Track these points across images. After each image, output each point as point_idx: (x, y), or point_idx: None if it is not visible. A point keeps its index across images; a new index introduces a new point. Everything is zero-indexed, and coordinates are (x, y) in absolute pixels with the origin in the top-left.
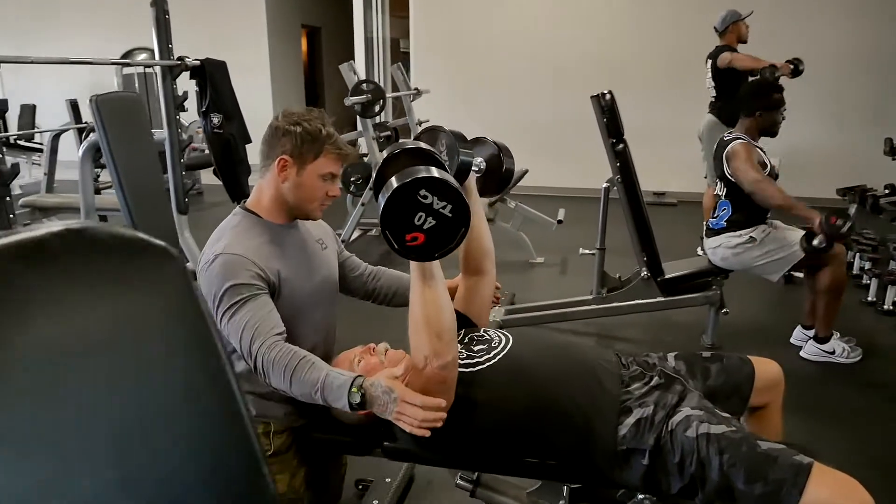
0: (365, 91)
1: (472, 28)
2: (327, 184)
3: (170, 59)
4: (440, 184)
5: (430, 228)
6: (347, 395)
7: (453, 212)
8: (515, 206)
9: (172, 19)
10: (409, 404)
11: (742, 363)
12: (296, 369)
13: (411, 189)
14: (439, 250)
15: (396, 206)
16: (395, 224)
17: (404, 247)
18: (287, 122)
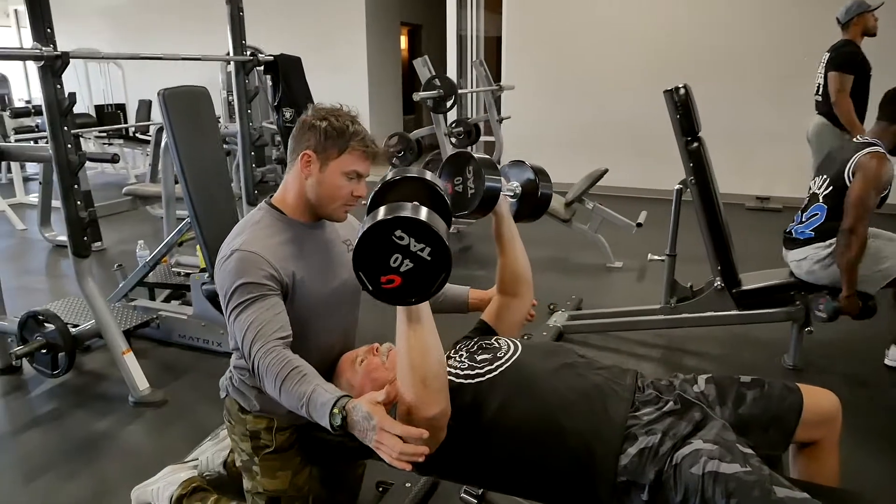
0: (437, 87)
1: (564, 24)
2: (352, 183)
3: (243, 54)
4: (418, 225)
5: (406, 271)
6: (329, 415)
7: (432, 255)
8: (593, 206)
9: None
10: (387, 434)
11: (787, 392)
12: (286, 379)
13: (385, 229)
14: (416, 295)
15: (370, 245)
16: (369, 264)
17: (379, 289)
18: (314, 116)
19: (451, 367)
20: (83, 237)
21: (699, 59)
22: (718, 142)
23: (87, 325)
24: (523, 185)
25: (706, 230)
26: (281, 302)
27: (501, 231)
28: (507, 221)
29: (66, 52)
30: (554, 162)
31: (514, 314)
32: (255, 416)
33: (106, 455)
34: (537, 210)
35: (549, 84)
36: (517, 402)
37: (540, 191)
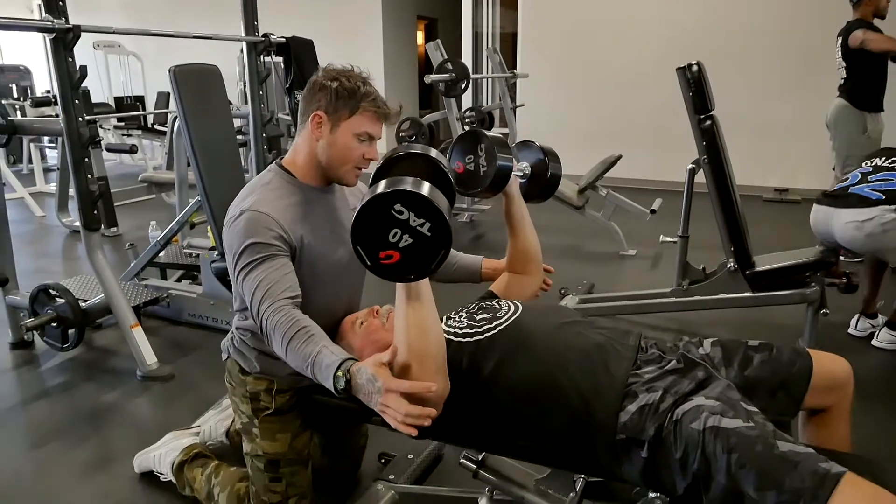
0: (449, 70)
1: (580, 17)
2: (363, 145)
3: (255, 35)
4: (418, 199)
5: (406, 247)
6: (333, 378)
7: (432, 230)
8: (607, 193)
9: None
10: (393, 395)
11: (797, 356)
12: (293, 338)
13: (385, 203)
14: (416, 272)
15: (368, 219)
16: (368, 239)
17: (378, 265)
18: (325, 77)
19: (450, 327)
20: (93, 210)
21: (715, 51)
22: (736, 133)
23: (96, 298)
24: (533, 166)
25: (719, 210)
26: (290, 263)
27: (512, 211)
28: (517, 201)
29: (77, 25)
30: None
31: (523, 289)
32: (255, 378)
33: (111, 425)
34: (547, 190)
35: (564, 75)
36: (515, 359)
37: (549, 171)
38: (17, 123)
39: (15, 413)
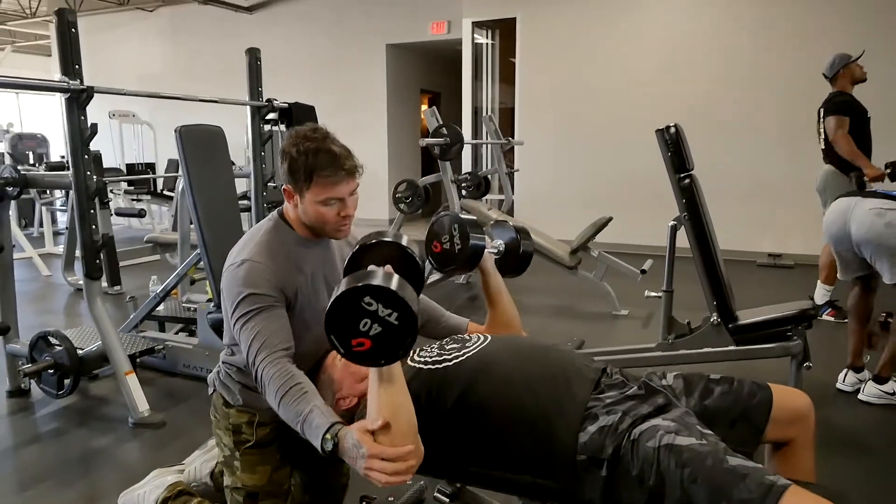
0: (444, 135)
1: (572, 85)
2: (335, 207)
3: (259, 100)
4: (385, 293)
5: (376, 335)
6: (321, 439)
7: (399, 319)
8: (598, 254)
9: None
10: (377, 460)
11: (758, 388)
12: (287, 394)
13: (355, 296)
14: (386, 357)
15: (340, 311)
16: (340, 328)
17: (350, 351)
18: (286, 145)
19: (420, 357)
20: (96, 259)
21: (711, 117)
22: (729, 197)
23: (93, 346)
24: (507, 243)
25: (701, 265)
26: (285, 313)
27: (489, 284)
28: (493, 276)
29: (90, 87)
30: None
31: None
32: (238, 411)
33: (100, 468)
34: (520, 265)
35: (559, 142)
36: (481, 381)
37: (521, 248)
38: (30, 177)
39: (6, 456)
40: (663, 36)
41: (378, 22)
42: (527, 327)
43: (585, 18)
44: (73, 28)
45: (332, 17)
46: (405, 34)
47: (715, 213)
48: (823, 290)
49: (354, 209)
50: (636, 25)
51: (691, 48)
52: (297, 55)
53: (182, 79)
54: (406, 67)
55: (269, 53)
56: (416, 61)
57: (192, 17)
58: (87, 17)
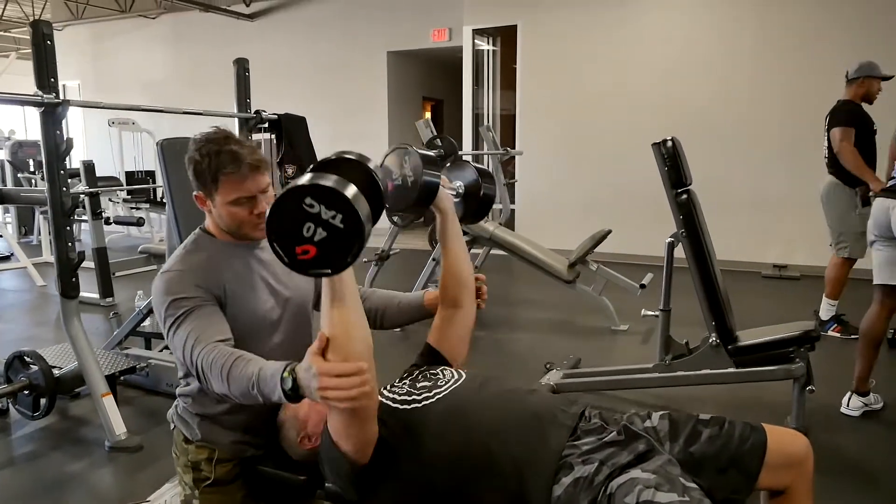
0: (438, 146)
1: (574, 93)
2: (246, 206)
3: (247, 112)
4: (327, 192)
5: (321, 241)
6: (280, 380)
7: (344, 222)
8: (597, 268)
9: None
10: (327, 376)
11: (750, 431)
12: (232, 366)
13: (294, 198)
14: (332, 266)
15: (281, 215)
16: (283, 235)
17: (295, 260)
18: (190, 153)
19: (390, 394)
20: (71, 278)
21: (713, 127)
22: (736, 209)
23: (70, 366)
24: (467, 186)
25: (699, 283)
26: (218, 310)
27: (445, 227)
28: (451, 218)
29: (66, 100)
30: (567, 225)
31: (457, 328)
32: (197, 447)
33: (71, 496)
34: (480, 210)
35: (560, 152)
36: (451, 428)
37: (482, 190)
38: (4, 193)
39: None
40: (665, 43)
41: (379, 29)
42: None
43: (586, 26)
44: (48, 40)
45: (333, 24)
46: (407, 41)
47: (719, 223)
48: (828, 304)
49: (265, 208)
50: (637, 33)
51: (693, 56)
52: (298, 62)
53: (184, 86)
54: (408, 75)
55: (271, 61)
56: (417, 68)
57: (193, 24)
58: (90, 24)
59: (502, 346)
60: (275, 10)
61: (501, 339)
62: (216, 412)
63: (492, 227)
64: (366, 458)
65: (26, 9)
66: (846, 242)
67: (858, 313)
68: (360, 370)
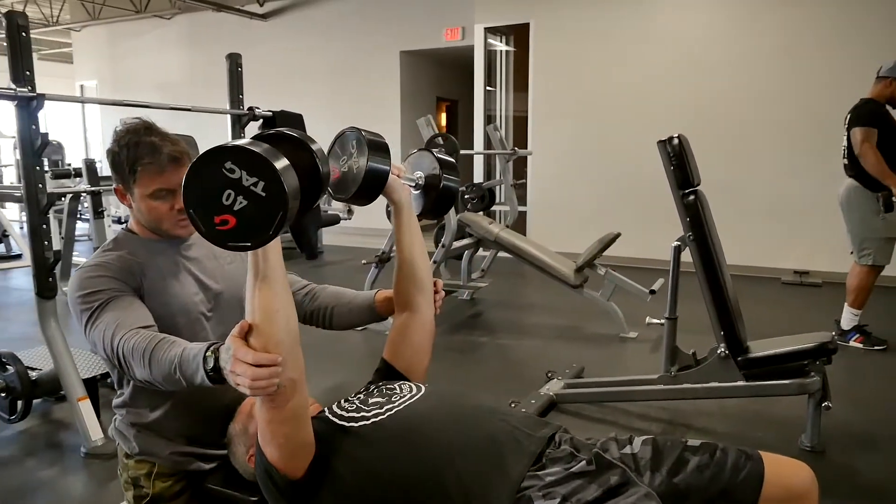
0: (439, 145)
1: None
2: (166, 201)
3: (240, 108)
4: (248, 155)
5: (241, 210)
6: (202, 360)
7: (266, 190)
8: (606, 272)
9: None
10: (240, 362)
11: (745, 460)
12: (155, 349)
13: (214, 160)
14: (253, 238)
15: (199, 179)
16: (200, 202)
17: (213, 230)
18: (109, 147)
19: (337, 411)
20: (48, 278)
21: (731, 128)
22: (755, 212)
23: (47, 369)
24: (427, 177)
25: (706, 290)
26: (137, 300)
27: (400, 221)
28: (405, 211)
29: (42, 94)
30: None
31: (412, 336)
32: (136, 461)
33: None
34: (441, 204)
35: (574, 152)
36: (400, 449)
37: (443, 182)
38: None
39: None
40: (681, 42)
41: (392, 28)
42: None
43: (600, 23)
44: (23, 32)
45: (346, 24)
46: (419, 41)
47: (737, 227)
48: (851, 314)
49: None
50: (652, 31)
51: (710, 55)
52: (310, 62)
53: (198, 86)
54: (421, 75)
55: (283, 60)
56: (431, 69)
57: (207, 24)
58: (108, 25)
59: (504, 353)
60: (288, 9)
61: (504, 345)
62: (151, 420)
63: (497, 228)
64: (297, 470)
65: (45, 10)
66: (869, 249)
67: (883, 323)
68: (274, 362)
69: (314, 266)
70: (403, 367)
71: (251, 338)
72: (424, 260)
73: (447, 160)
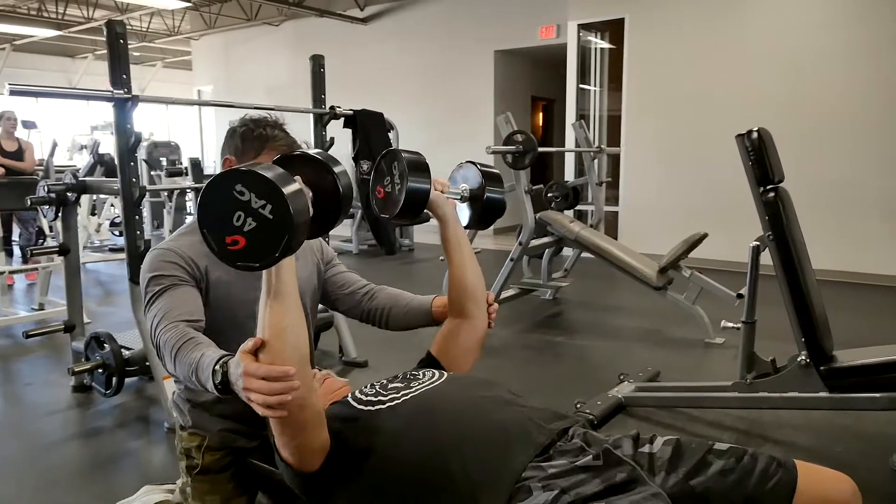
0: (517, 142)
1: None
2: None
3: (321, 108)
4: (256, 179)
5: (250, 231)
6: (212, 373)
7: (274, 213)
8: (691, 274)
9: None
10: (252, 377)
11: (778, 467)
12: (182, 348)
13: (226, 183)
14: (261, 259)
15: (212, 201)
16: (213, 222)
17: (225, 250)
18: (239, 123)
19: (359, 395)
20: (139, 264)
21: (842, 126)
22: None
23: (138, 349)
24: (473, 189)
25: (787, 293)
26: (195, 291)
27: (446, 236)
28: (451, 226)
29: (136, 96)
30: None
31: (461, 340)
32: (189, 434)
33: (122, 470)
34: (484, 216)
35: (668, 151)
36: (411, 433)
37: (486, 194)
38: (88, 184)
39: (43, 451)
40: (788, 34)
41: (487, 28)
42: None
43: (699, 16)
44: (121, 39)
45: (441, 25)
46: (514, 40)
47: (849, 230)
48: None
49: None
50: (757, 23)
51: (821, 47)
52: (407, 64)
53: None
54: (515, 74)
55: (382, 63)
56: (526, 68)
57: (312, 29)
58: (223, 33)
59: (579, 353)
60: (386, 13)
61: (580, 346)
62: (204, 399)
63: (578, 227)
64: (311, 466)
65: (168, 21)
66: None
67: None
68: (286, 375)
69: (400, 262)
70: (447, 364)
71: (261, 354)
72: (475, 273)
73: (491, 171)
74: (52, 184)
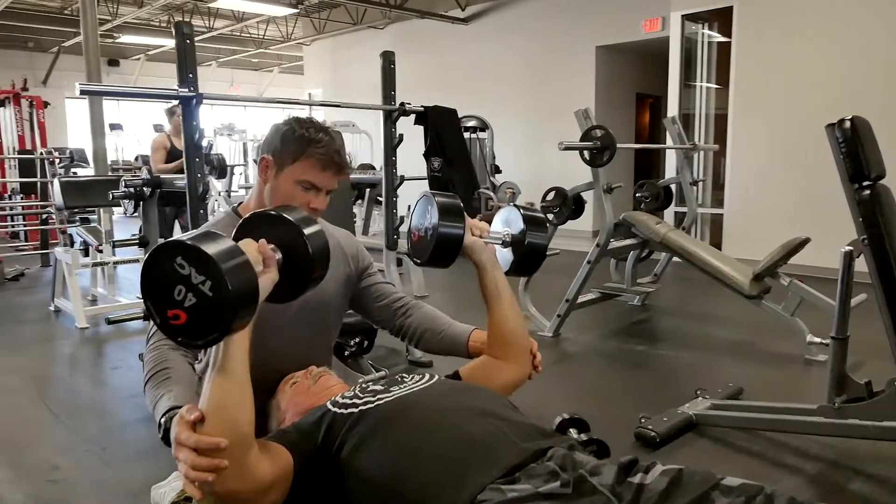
0: (595, 138)
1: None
2: (308, 194)
3: (391, 104)
4: (195, 253)
5: (191, 307)
6: (158, 422)
7: (213, 290)
8: (790, 283)
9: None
10: (182, 446)
11: None
12: (152, 378)
13: (167, 254)
14: (203, 337)
15: (154, 272)
16: (155, 294)
17: (167, 324)
18: (284, 122)
19: (339, 399)
20: None
21: None
22: None
23: None
24: (515, 234)
25: (885, 306)
26: None
27: (484, 283)
28: (489, 273)
29: (201, 94)
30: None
31: (501, 378)
32: None
33: None
34: (525, 263)
35: (778, 150)
36: (372, 442)
37: (527, 240)
38: (161, 179)
39: (130, 428)
40: None
41: (588, 23)
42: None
43: (817, 4)
44: (188, 40)
45: (541, 22)
46: (616, 34)
47: None
48: None
49: (323, 207)
50: (869, 14)
51: None
52: (507, 63)
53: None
54: (618, 70)
55: (482, 62)
56: (630, 64)
57: (415, 31)
58: (332, 38)
59: (659, 363)
60: (487, 12)
61: (661, 356)
62: None
63: (664, 229)
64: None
65: (282, 28)
66: None
67: None
68: (216, 448)
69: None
70: None
71: (197, 425)
72: (517, 322)
73: (534, 216)
74: (129, 179)
